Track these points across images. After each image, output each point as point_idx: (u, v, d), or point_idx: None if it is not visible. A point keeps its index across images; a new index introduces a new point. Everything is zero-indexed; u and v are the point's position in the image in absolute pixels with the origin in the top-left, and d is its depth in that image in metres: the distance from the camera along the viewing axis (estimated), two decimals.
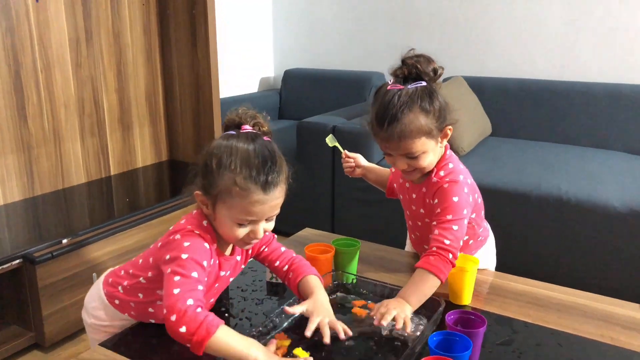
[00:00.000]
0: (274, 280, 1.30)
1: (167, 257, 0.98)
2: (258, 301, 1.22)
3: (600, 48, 2.74)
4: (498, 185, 2.20)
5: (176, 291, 0.92)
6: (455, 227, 1.18)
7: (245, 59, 3.58)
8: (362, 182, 2.51)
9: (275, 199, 0.98)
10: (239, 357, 0.89)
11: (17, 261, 1.82)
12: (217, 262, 1.05)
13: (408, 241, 1.56)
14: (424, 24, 3.16)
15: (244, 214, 0.98)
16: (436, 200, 1.22)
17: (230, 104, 1.31)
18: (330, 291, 1.21)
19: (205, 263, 0.98)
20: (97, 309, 1.15)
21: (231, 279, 1.16)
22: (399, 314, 1.04)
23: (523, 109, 2.84)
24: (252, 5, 3.55)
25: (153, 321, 1.13)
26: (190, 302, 0.90)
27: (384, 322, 1.03)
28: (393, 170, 1.44)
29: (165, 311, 0.90)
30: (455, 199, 1.20)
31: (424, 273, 1.13)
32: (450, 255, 1.15)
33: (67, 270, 1.91)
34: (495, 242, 1.49)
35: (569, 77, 2.82)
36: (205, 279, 0.98)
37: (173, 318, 0.89)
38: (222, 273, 1.08)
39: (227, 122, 1.05)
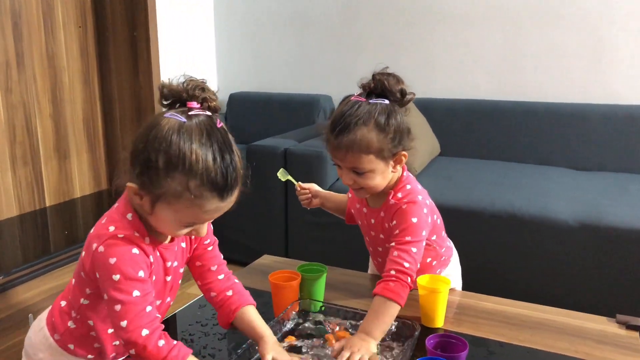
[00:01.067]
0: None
1: (97, 274, 0.86)
2: (220, 336, 1.13)
3: (540, 69, 2.85)
4: (451, 204, 2.20)
5: (123, 324, 0.84)
6: (414, 250, 1.13)
7: None
8: (315, 209, 2.47)
9: (231, 203, 0.87)
10: None
11: None
12: (158, 254, 0.93)
13: (370, 264, 1.51)
14: (370, 47, 3.18)
15: (192, 219, 0.86)
16: (394, 222, 1.18)
17: None
18: (296, 320, 1.15)
19: (141, 273, 0.86)
20: None
21: (181, 270, 1.02)
22: (363, 356, 0.98)
23: (470, 129, 2.89)
24: (195, 28, 3.47)
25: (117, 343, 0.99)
26: (145, 332, 0.84)
27: None
28: (350, 196, 1.39)
29: (123, 342, 0.85)
30: (414, 219, 1.16)
31: (385, 301, 1.08)
32: (409, 279, 1.10)
33: None
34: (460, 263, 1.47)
35: (512, 97, 2.90)
36: (153, 277, 0.89)
37: (132, 352, 0.84)
38: (169, 264, 0.96)
39: (168, 92, 0.87)
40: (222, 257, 1.08)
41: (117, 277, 0.84)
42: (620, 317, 1.18)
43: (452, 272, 1.38)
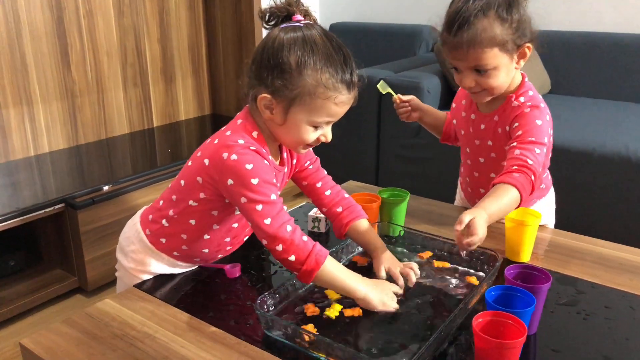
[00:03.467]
0: (315, 230, 1.23)
1: (230, 182, 0.90)
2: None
3: None
4: (559, 144, 2.04)
5: (267, 221, 0.88)
6: (537, 150, 1.07)
7: None
8: (408, 139, 2.42)
9: (354, 97, 0.93)
10: (347, 290, 0.90)
11: (59, 205, 1.81)
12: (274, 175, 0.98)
13: (458, 196, 1.46)
14: None
15: (325, 116, 0.91)
16: (516, 124, 1.12)
17: None
18: None
19: (275, 180, 0.93)
20: (138, 253, 1.04)
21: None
22: (475, 217, 0.93)
23: (586, 65, 2.62)
24: None
25: (198, 261, 1.06)
26: (289, 228, 0.89)
27: (459, 228, 0.92)
28: (454, 106, 1.32)
29: (265, 242, 0.90)
30: (539, 122, 1.10)
31: (506, 186, 1.01)
32: (533, 177, 1.04)
33: (108, 217, 1.90)
34: (555, 202, 1.37)
35: (638, 31, 2.58)
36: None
37: (279, 248, 0.88)
38: (278, 185, 1.00)
39: (270, 12, 0.92)
40: (326, 172, 1.12)
41: (255, 180, 0.88)
42: None
43: (546, 208, 1.30)
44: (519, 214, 1.10)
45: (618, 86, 2.56)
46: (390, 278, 1.00)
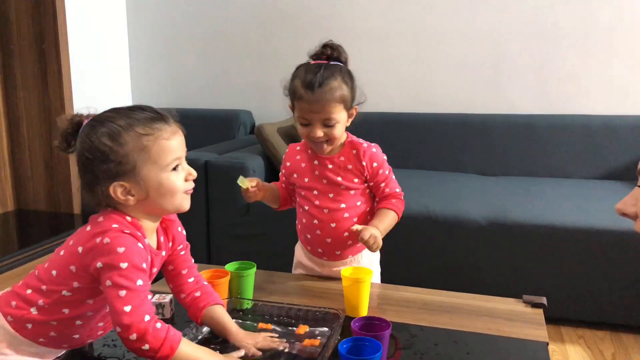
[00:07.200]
0: (159, 317, 1.18)
1: (99, 265, 0.88)
2: None
3: (449, 82, 3.04)
4: None
5: (127, 309, 0.87)
6: (393, 177, 1.43)
7: (101, 99, 3.36)
8: (237, 218, 2.47)
9: (177, 127, 0.96)
10: None
11: None
12: (150, 259, 0.96)
13: (296, 260, 1.53)
14: (289, 63, 3.25)
15: (169, 154, 0.93)
16: (375, 164, 1.39)
17: None
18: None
19: (144, 265, 0.91)
20: None
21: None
22: (373, 233, 1.28)
23: (384, 140, 2.97)
24: (107, 44, 3.38)
25: (66, 346, 1.00)
26: (147, 318, 0.88)
27: (365, 236, 1.27)
28: (288, 164, 1.48)
29: (119, 329, 0.88)
30: (385, 157, 1.42)
31: (386, 210, 1.38)
32: (402, 196, 1.42)
33: None
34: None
35: (423, 110, 3.07)
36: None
37: (133, 337, 0.87)
38: (154, 270, 1.00)
39: (65, 140, 0.96)
40: (193, 260, 1.12)
41: (124, 265, 0.88)
42: (526, 297, 1.29)
43: (373, 256, 1.47)
44: (354, 272, 1.21)
45: (410, 156, 2.97)
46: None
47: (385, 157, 1.42)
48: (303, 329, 1.11)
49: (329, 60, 1.34)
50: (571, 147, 2.77)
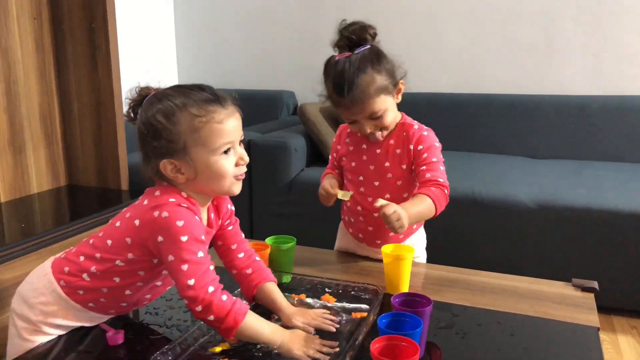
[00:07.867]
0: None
1: (160, 239, 0.89)
2: (185, 309, 1.11)
3: (498, 62, 2.93)
4: None
5: (191, 282, 0.89)
6: (442, 168, 1.26)
7: (148, 76, 3.40)
8: (279, 197, 2.48)
9: (235, 109, 0.96)
10: (267, 343, 0.92)
11: None
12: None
13: (339, 242, 1.51)
14: (330, 44, 3.22)
15: (219, 138, 0.92)
16: (420, 147, 1.28)
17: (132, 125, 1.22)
18: None
19: (203, 237, 0.93)
20: (49, 304, 0.99)
21: None
22: (397, 211, 1.09)
23: (431, 121, 2.90)
24: (155, 21, 3.43)
25: (112, 312, 1.04)
26: (210, 289, 0.89)
27: (388, 211, 1.08)
28: (339, 147, 1.42)
29: (186, 301, 0.90)
30: (437, 144, 1.30)
31: (422, 196, 1.19)
32: (446, 191, 1.22)
33: None
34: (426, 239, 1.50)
35: (470, 90, 2.98)
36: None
37: (199, 309, 0.89)
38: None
39: (132, 106, 0.98)
40: (243, 235, 1.12)
41: (184, 238, 0.89)
42: (575, 281, 1.23)
43: (418, 242, 1.42)
44: (395, 250, 1.18)
45: (457, 138, 2.89)
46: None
47: (437, 145, 1.30)
48: (331, 299, 1.11)
49: (352, 48, 1.23)
50: (626, 130, 2.63)
